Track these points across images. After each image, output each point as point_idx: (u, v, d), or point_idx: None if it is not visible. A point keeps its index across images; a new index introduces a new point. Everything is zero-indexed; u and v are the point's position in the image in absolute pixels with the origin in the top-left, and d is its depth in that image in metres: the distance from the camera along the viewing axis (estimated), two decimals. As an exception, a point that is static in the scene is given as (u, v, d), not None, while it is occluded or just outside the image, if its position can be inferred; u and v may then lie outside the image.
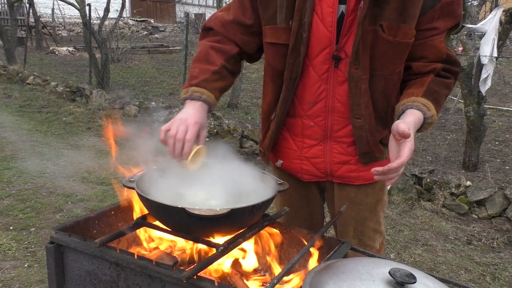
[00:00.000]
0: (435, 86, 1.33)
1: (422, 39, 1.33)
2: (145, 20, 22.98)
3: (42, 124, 6.57)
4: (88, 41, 8.75)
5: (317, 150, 1.53)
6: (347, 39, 1.33)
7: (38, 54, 13.62)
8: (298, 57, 1.38)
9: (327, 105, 1.43)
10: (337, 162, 1.53)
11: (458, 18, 1.36)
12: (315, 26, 1.34)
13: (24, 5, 13.35)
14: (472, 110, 4.74)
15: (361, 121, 1.41)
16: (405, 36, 1.30)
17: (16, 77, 9.35)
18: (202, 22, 14.82)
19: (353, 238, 1.63)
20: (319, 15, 1.33)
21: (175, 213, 1.13)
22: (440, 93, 1.34)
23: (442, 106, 1.36)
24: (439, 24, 1.32)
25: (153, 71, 11.57)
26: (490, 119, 7.25)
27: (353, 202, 1.60)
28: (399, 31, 1.29)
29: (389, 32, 1.29)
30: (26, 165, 4.65)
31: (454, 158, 5.25)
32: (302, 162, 1.57)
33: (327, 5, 1.32)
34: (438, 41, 1.34)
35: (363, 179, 1.56)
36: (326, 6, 1.32)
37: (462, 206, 4.17)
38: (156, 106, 6.91)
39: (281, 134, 1.57)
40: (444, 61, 1.36)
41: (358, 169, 1.54)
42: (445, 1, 1.31)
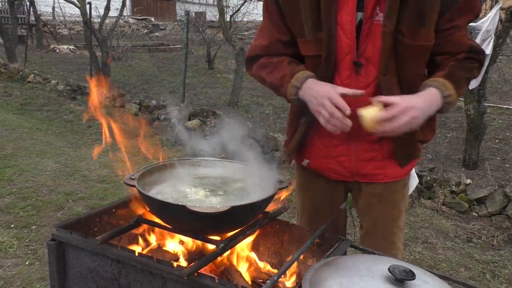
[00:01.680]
0: (455, 70, 1.37)
1: (444, 37, 1.37)
2: (145, 18, 22.98)
3: (42, 122, 6.57)
4: (88, 39, 8.75)
5: (343, 148, 1.54)
6: (366, 45, 1.37)
7: (38, 53, 13.62)
8: (330, 67, 1.42)
9: (351, 104, 1.40)
10: (363, 159, 1.54)
11: (477, 11, 1.40)
12: (337, 34, 1.39)
13: (25, 3, 13.34)
14: (472, 108, 4.74)
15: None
16: (425, 39, 1.35)
17: (17, 76, 9.36)
18: (202, 20, 14.82)
19: (382, 238, 1.62)
20: (339, 24, 1.38)
21: (175, 210, 1.13)
22: (460, 75, 1.37)
23: (464, 88, 1.41)
24: (460, 22, 1.37)
25: (154, 69, 11.57)
26: (490, 117, 7.24)
27: (381, 200, 1.60)
28: (418, 35, 1.33)
29: (409, 36, 1.33)
30: (27, 163, 4.66)
31: (455, 156, 5.25)
32: (329, 161, 1.58)
33: (346, 14, 1.37)
34: (459, 36, 1.38)
35: (389, 176, 1.57)
36: (345, 15, 1.37)
37: (462, 204, 4.18)
38: (157, 104, 6.91)
39: (308, 134, 1.59)
40: (467, 51, 1.40)
41: (385, 165, 1.55)
42: (461, 2, 1.34)
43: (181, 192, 1.33)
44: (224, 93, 8.64)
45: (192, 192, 1.32)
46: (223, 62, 12.47)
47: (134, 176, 1.28)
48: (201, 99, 8.12)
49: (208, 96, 8.48)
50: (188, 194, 1.31)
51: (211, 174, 1.45)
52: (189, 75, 8.27)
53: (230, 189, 1.36)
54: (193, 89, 8.96)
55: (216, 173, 1.45)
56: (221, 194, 1.32)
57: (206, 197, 1.30)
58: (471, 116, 4.76)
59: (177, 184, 1.38)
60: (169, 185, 1.37)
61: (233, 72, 7.89)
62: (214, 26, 15.39)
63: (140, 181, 1.27)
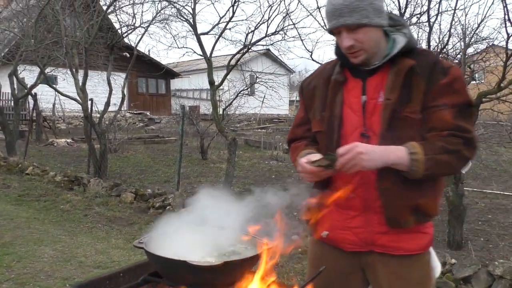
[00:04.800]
0: (433, 139, 1.57)
1: (429, 113, 1.59)
2: (141, 112, 23.95)
3: (40, 212, 6.74)
4: (88, 133, 9.20)
5: (360, 220, 1.70)
6: (371, 120, 1.65)
7: (37, 146, 14.06)
8: (332, 139, 1.71)
9: (363, 177, 1.65)
10: (378, 232, 1.67)
11: (463, 96, 1.60)
12: (346, 112, 1.70)
13: (27, 101, 14.05)
14: (451, 191, 5.04)
15: (385, 186, 1.62)
16: (412, 113, 1.60)
17: (16, 168, 9.65)
18: (196, 113, 15.56)
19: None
20: (347, 105, 1.70)
21: (177, 265, 1.37)
22: (437, 144, 1.55)
23: (441, 156, 1.53)
24: (443, 101, 1.58)
25: (149, 160, 11.96)
26: (473, 200, 7.54)
27: (398, 277, 1.68)
28: (407, 109, 1.60)
29: (400, 110, 1.60)
30: (25, 250, 4.78)
31: (440, 238, 5.44)
32: (345, 232, 1.72)
33: (353, 97, 1.70)
34: (443, 114, 1.57)
35: (403, 249, 1.67)
36: (352, 97, 1.70)
37: (449, 283, 4.29)
38: (152, 193, 7.15)
39: (326, 208, 1.73)
40: (452, 129, 1.56)
41: (399, 239, 1.66)
42: (441, 83, 1.58)
43: (181, 255, 1.55)
44: (217, 181, 8.94)
45: (190, 254, 1.55)
46: (216, 153, 12.95)
47: (142, 241, 1.52)
48: (195, 188, 8.38)
49: (201, 185, 8.75)
50: (187, 255, 1.54)
51: (207, 241, 1.69)
52: (183, 165, 8.62)
53: (223, 252, 1.59)
54: (187, 178, 9.26)
55: (211, 239, 1.69)
56: (215, 256, 1.55)
57: (203, 258, 1.53)
58: (451, 199, 5.04)
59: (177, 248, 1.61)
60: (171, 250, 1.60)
61: (226, 162, 8.25)
62: (207, 118, 16.15)
63: (146, 245, 1.50)
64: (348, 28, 1.58)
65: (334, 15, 1.59)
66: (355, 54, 1.62)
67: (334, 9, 1.58)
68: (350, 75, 1.72)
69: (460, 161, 1.59)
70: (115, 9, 9.68)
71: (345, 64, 1.72)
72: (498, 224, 6.12)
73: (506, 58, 4.47)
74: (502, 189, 8.81)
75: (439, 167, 1.56)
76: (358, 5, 1.55)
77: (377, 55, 1.64)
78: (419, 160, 1.52)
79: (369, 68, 1.66)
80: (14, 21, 12.56)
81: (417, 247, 1.68)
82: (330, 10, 1.60)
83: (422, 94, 1.59)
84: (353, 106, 1.68)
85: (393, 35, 1.68)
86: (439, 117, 1.57)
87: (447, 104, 1.57)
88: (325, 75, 1.78)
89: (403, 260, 1.68)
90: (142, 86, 26.04)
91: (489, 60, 7.17)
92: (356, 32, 1.58)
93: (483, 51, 6.99)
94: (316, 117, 1.77)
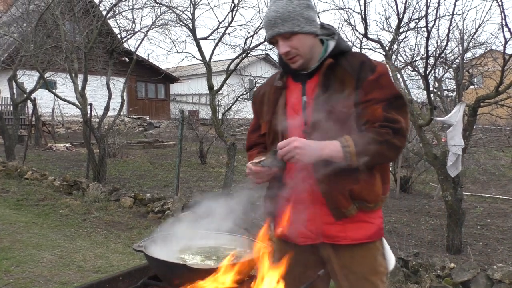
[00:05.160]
0: (365, 132, 1.73)
1: (362, 109, 1.76)
2: (140, 117, 23.98)
3: (38, 216, 6.73)
4: (87, 137, 9.21)
5: (308, 213, 1.82)
6: (310, 118, 1.82)
7: (36, 151, 14.06)
8: (276, 140, 1.85)
9: (307, 171, 1.78)
10: (326, 222, 1.81)
11: (390, 89, 1.78)
12: (289, 113, 1.87)
13: (27, 105, 14.06)
14: (450, 195, 5.05)
15: (321, 177, 1.75)
16: (346, 108, 1.76)
17: (15, 173, 9.64)
18: (195, 118, 15.58)
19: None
20: (290, 106, 1.89)
21: (177, 269, 1.37)
22: (367, 135, 1.71)
23: (373, 146, 1.69)
24: (372, 96, 1.75)
25: (148, 165, 11.96)
26: (472, 205, 7.55)
27: (350, 271, 1.82)
28: (342, 105, 1.76)
29: (336, 107, 1.76)
30: (23, 255, 4.77)
31: (439, 242, 5.45)
32: (297, 226, 1.82)
33: (294, 98, 1.88)
34: (374, 108, 1.74)
35: (350, 238, 1.81)
36: (294, 99, 1.88)
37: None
38: (151, 197, 7.15)
39: (279, 206, 1.86)
40: (383, 121, 1.73)
41: (345, 229, 1.80)
42: (370, 80, 1.76)
43: (181, 258, 1.56)
44: (216, 186, 8.94)
45: (190, 258, 1.56)
46: (215, 157, 12.96)
47: (141, 244, 1.53)
48: (194, 192, 8.38)
49: (201, 189, 8.76)
50: (187, 259, 1.55)
51: (206, 245, 1.70)
52: (182, 169, 8.63)
53: (222, 255, 1.60)
54: (186, 183, 9.27)
55: (211, 243, 1.70)
56: (215, 259, 1.56)
57: (202, 261, 1.53)
58: (449, 203, 5.05)
59: (177, 252, 1.62)
60: (170, 253, 1.61)
61: (225, 166, 8.26)
62: (206, 123, 16.17)
63: (146, 248, 1.51)
64: (283, 37, 1.78)
65: (269, 26, 1.79)
66: (292, 60, 1.82)
67: (269, 21, 1.79)
68: (292, 80, 1.92)
69: (391, 150, 1.74)
70: (114, 14, 9.72)
71: (286, 71, 1.92)
72: (496, 229, 6.13)
73: (504, 62, 4.49)
74: (500, 193, 8.83)
75: (370, 156, 1.71)
76: (289, 15, 1.75)
77: (313, 60, 1.85)
78: (351, 152, 1.68)
79: (307, 72, 1.86)
80: (13, 26, 12.58)
81: (363, 236, 1.82)
82: (266, 22, 1.81)
83: (354, 91, 1.76)
84: (295, 107, 1.87)
85: (327, 41, 1.89)
86: (371, 111, 1.74)
87: (377, 98, 1.75)
88: (272, 82, 2.00)
89: (353, 252, 1.82)
90: (141, 91, 26.07)
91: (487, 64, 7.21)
92: (290, 39, 1.78)
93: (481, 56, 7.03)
94: (265, 120, 1.97)
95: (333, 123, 1.75)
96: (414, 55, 6.52)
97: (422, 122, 5.18)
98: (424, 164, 8.75)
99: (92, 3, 10.14)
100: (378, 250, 1.88)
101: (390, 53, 5.66)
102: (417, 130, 5.40)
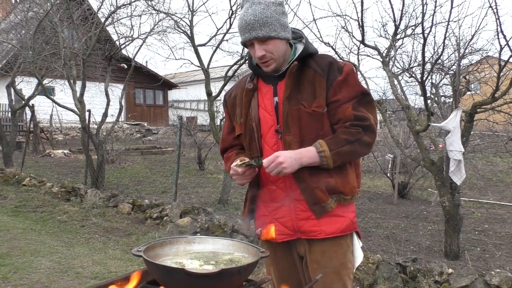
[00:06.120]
0: (338, 134, 1.86)
1: (334, 108, 1.88)
2: (139, 123, 23.98)
3: (36, 223, 6.72)
4: (86, 144, 9.21)
5: (284, 210, 1.93)
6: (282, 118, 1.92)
7: (34, 157, 14.05)
8: (252, 140, 1.98)
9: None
10: (301, 218, 1.91)
11: (358, 88, 1.89)
12: (262, 114, 1.98)
13: (25, 112, 14.05)
14: (447, 201, 5.06)
15: (298, 175, 1.87)
16: (318, 107, 1.87)
17: (13, 179, 9.63)
18: (194, 124, 15.59)
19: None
20: (263, 107, 1.98)
21: (175, 273, 1.38)
22: (341, 138, 1.84)
23: (347, 147, 1.83)
24: (342, 96, 1.87)
25: (146, 171, 11.96)
26: (469, 210, 7.57)
27: (319, 265, 1.91)
28: (313, 104, 1.87)
29: (307, 106, 1.87)
30: (21, 261, 4.76)
31: (437, 248, 5.46)
32: (273, 224, 1.86)
33: (267, 99, 1.98)
34: (344, 108, 1.86)
35: (324, 233, 1.90)
36: (266, 100, 1.98)
37: (446, 293, 4.30)
38: (149, 203, 7.14)
39: (257, 206, 2.00)
40: (353, 120, 1.85)
41: (320, 223, 1.90)
42: (339, 80, 1.87)
43: (179, 263, 1.57)
44: (214, 192, 8.95)
45: (188, 263, 1.57)
46: (213, 163, 12.96)
47: (140, 248, 1.53)
48: (192, 198, 8.39)
49: (199, 195, 8.76)
50: (185, 264, 1.56)
51: (204, 249, 1.71)
52: (180, 175, 8.63)
53: (220, 260, 1.61)
54: (184, 189, 9.27)
55: (209, 248, 1.71)
56: (213, 264, 1.57)
57: (200, 266, 1.54)
58: (447, 208, 5.07)
59: (175, 257, 1.63)
60: (169, 258, 1.62)
61: (223, 172, 8.27)
62: (204, 129, 16.18)
63: (145, 253, 1.52)
64: (260, 40, 1.85)
65: (246, 29, 1.84)
66: (267, 63, 1.90)
67: (246, 24, 1.84)
68: (263, 82, 2.00)
69: (363, 146, 1.86)
70: (113, 21, 9.75)
71: (257, 74, 2.01)
72: (494, 234, 6.14)
73: (499, 69, 4.52)
74: (498, 199, 8.85)
75: (345, 156, 1.85)
76: (266, 20, 1.83)
77: (284, 63, 1.94)
78: (327, 156, 1.82)
79: (278, 74, 1.94)
80: (12, 33, 12.61)
81: (336, 230, 1.91)
82: (243, 25, 1.85)
83: (324, 91, 1.87)
84: (267, 107, 1.96)
85: (296, 44, 1.98)
86: (342, 110, 1.87)
87: (347, 97, 1.87)
88: (242, 85, 2.07)
89: (324, 247, 1.91)
90: (140, 97, 26.09)
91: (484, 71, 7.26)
92: (266, 43, 1.86)
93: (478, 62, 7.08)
94: (238, 122, 2.05)
95: (304, 122, 1.87)
96: (411, 61, 6.55)
97: (419, 128, 5.21)
98: (421, 170, 8.78)
99: (91, 10, 10.20)
100: (348, 246, 1.97)
101: (387, 59, 5.69)
102: (415, 136, 5.43)
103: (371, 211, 7.58)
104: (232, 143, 2.14)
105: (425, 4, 4.72)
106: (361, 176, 2.06)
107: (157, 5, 8.77)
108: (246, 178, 1.92)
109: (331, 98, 1.87)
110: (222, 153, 2.19)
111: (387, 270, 4.57)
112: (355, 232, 2.00)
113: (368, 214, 7.32)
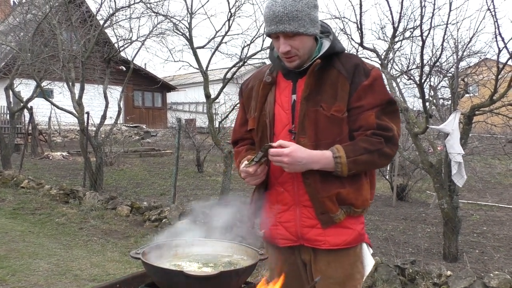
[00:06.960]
0: (358, 141, 1.74)
1: (355, 114, 1.75)
2: (137, 125, 23.96)
3: (35, 225, 6.70)
4: (84, 146, 9.19)
5: (289, 214, 1.83)
6: (298, 118, 1.79)
7: (32, 159, 14.02)
8: (264, 137, 1.86)
9: (292, 172, 1.77)
10: (306, 225, 1.80)
11: (384, 95, 1.78)
12: (277, 111, 1.84)
13: (23, 114, 14.04)
14: (446, 203, 5.06)
15: (309, 180, 1.75)
16: (338, 111, 1.74)
17: (11, 181, 9.60)
18: (192, 127, 15.58)
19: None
20: (279, 104, 1.85)
21: (174, 276, 1.38)
22: (360, 146, 1.72)
23: (364, 156, 1.71)
24: (366, 102, 1.75)
25: (145, 173, 11.95)
26: (468, 212, 7.58)
27: (324, 276, 1.78)
28: (333, 107, 1.74)
29: (326, 109, 1.74)
30: (19, 264, 4.75)
31: (435, 250, 5.46)
32: (277, 227, 1.85)
33: (284, 96, 1.84)
34: (367, 115, 1.74)
35: (329, 243, 1.78)
36: (284, 97, 1.84)
37: (445, 295, 4.30)
38: (148, 205, 7.13)
39: (263, 206, 1.90)
40: (376, 128, 1.73)
41: (325, 233, 1.78)
42: (364, 84, 1.75)
43: (178, 266, 1.57)
44: (213, 194, 8.93)
45: (187, 265, 1.57)
46: (212, 165, 12.96)
47: (139, 251, 1.53)
48: (191, 201, 8.37)
49: (198, 198, 8.75)
50: (184, 266, 1.56)
51: (203, 252, 1.71)
52: (179, 178, 8.62)
53: (219, 262, 1.61)
54: (183, 191, 9.26)
55: (207, 250, 1.71)
56: (212, 266, 1.57)
57: (199, 268, 1.54)
58: (445, 210, 5.07)
59: (174, 259, 1.63)
60: (167, 261, 1.62)
61: (222, 174, 8.26)
62: (203, 132, 16.18)
63: (143, 255, 1.52)
64: (286, 35, 1.71)
65: (274, 21, 1.70)
66: (290, 59, 1.77)
67: (274, 15, 1.69)
68: (282, 77, 1.87)
69: (382, 158, 1.75)
70: (112, 23, 9.74)
71: (277, 67, 1.88)
72: (493, 236, 6.15)
73: (497, 71, 4.54)
74: (496, 201, 8.87)
75: (361, 166, 1.73)
76: (296, 15, 1.68)
77: (308, 59, 1.80)
78: (342, 163, 1.69)
79: (299, 70, 1.81)
80: (11, 35, 12.60)
81: (342, 242, 1.79)
82: (270, 15, 1.71)
83: (347, 95, 1.74)
84: (284, 105, 1.83)
85: (322, 40, 1.84)
86: (365, 117, 1.74)
87: (371, 104, 1.74)
88: (261, 76, 1.93)
89: (330, 257, 1.80)
90: (138, 99, 26.08)
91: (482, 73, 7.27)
92: (293, 39, 1.72)
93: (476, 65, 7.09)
94: (252, 116, 1.92)
95: (321, 125, 1.75)
96: (410, 64, 6.57)
97: (418, 130, 5.22)
98: (420, 172, 8.78)
99: (90, 13, 10.19)
100: (357, 256, 1.86)
101: (385, 62, 5.70)
102: (413, 138, 5.43)
103: (369, 213, 7.58)
104: (244, 136, 2.03)
105: (423, 6, 4.74)
106: (375, 186, 1.95)
107: (156, 8, 8.77)
108: (259, 176, 1.80)
109: (354, 103, 1.75)
110: (233, 145, 2.09)
111: (386, 272, 4.57)
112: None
113: (367, 216, 7.31)
